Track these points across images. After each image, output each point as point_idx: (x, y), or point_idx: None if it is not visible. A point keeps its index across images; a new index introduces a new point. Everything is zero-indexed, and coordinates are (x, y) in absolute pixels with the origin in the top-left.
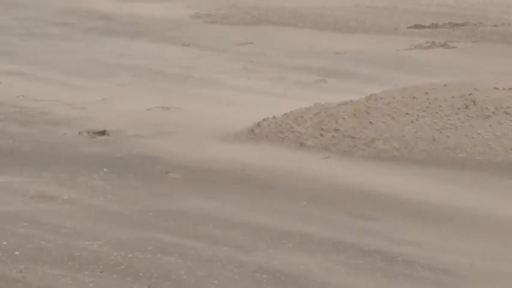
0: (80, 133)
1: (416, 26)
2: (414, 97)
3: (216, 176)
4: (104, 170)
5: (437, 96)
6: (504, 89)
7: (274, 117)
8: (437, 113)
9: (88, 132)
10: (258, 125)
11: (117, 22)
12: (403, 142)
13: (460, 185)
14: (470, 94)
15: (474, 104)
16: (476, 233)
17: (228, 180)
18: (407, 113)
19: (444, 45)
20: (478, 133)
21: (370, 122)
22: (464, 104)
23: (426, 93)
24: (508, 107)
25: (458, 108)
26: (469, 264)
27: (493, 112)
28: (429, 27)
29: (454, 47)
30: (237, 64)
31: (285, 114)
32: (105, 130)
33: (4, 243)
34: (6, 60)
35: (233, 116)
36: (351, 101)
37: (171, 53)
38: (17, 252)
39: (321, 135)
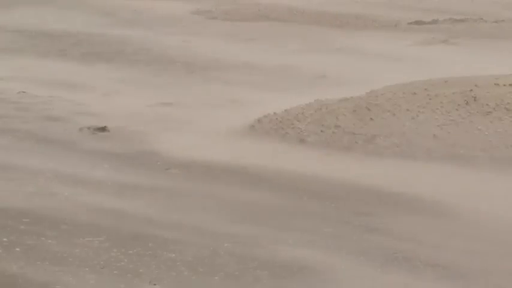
0: (80, 129)
1: (417, 22)
2: (415, 93)
3: (217, 172)
4: (105, 166)
5: (437, 93)
6: (505, 85)
7: (274, 113)
8: (437, 109)
9: (89, 128)
10: (259, 121)
11: (119, 18)
12: (403, 138)
13: (460, 181)
14: (471, 90)
15: (475, 100)
16: (477, 229)
17: (229, 177)
18: (407, 109)
19: (445, 41)
20: (479, 129)
21: (371, 119)
22: (465, 100)
23: (427, 89)
24: (508, 103)
25: (458, 105)
26: (470, 260)
27: (494, 108)
28: (430, 23)
29: (454, 43)
30: (238, 60)
31: (285, 110)
32: (105, 126)
33: (5, 239)
34: (7, 57)
35: (234, 112)
36: (351, 97)
37: (172, 49)
38: (17, 249)
39: (322, 131)
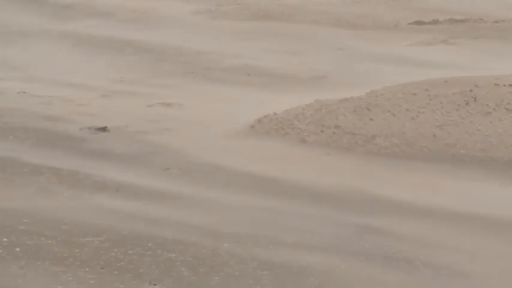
0: (80, 129)
1: (417, 23)
2: (415, 93)
3: (217, 172)
4: (105, 166)
5: (437, 93)
6: (505, 85)
7: (275, 113)
8: (437, 109)
9: (89, 128)
10: (259, 121)
11: (118, 18)
12: (403, 138)
13: (460, 182)
14: (471, 90)
15: (475, 100)
16: (476, 229)
17: (229, 176)
18: (407, 110)
19: (445, 42)
20: (479, 129)
21: (371, 119)
22: (465, 100)
23: (427, 89)
24: (508, 103)
25: (458, 105)
26: (469, 260)
27: (494, 108)
28: (430, 23)
29: (454, 43)
30: (238, 60)
31: (285, 110)
32: (106, 126)
33: (5, 239)
34: (7, 57)
35: (234, 112)
36: (351, 97)
37: (171, 49)
38: (17, 249)
39: (322, 131)
